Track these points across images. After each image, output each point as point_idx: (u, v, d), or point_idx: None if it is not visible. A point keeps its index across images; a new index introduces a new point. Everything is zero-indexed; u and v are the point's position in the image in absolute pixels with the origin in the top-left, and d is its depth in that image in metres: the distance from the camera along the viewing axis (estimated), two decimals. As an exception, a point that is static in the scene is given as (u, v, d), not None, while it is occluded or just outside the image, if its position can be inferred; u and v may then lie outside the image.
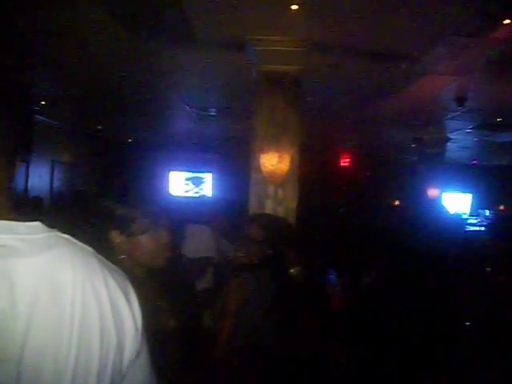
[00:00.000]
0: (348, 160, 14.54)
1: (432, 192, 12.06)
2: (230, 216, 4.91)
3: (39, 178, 10.46)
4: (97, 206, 2.11)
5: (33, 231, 0.97)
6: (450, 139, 11.92)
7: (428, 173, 12.14)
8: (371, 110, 8.90)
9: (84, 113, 10.24)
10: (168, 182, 14.70)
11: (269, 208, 5.39)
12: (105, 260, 1.07)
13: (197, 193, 14.68)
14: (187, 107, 9.12)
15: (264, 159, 5.32)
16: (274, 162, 5.29)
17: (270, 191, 5.42)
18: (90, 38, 5.61)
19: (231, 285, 3.07)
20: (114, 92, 8.17)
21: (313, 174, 7.50)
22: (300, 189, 5.61)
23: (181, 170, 14.76)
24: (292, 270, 3.62)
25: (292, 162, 5.41)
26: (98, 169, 12.97)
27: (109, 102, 8.97)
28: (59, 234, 1.02)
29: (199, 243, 4.48)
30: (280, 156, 5.31)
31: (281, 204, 5.41)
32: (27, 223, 0.98)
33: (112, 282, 1.03)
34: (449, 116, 9.55)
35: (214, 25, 5.20)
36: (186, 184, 14.91)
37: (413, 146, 12.27)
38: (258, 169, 5.40)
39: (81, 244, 1.05)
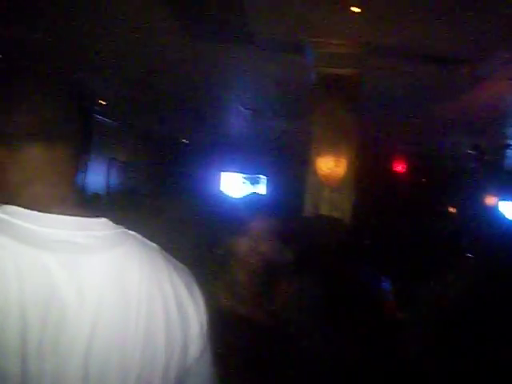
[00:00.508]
0: (403, 165, 14.30)
1: (490, 200, 11.76)
2: (284, 217, 4.90)
3: (96, 175, 10.70)
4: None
5: (102, 228, 0.99)
6: (510, 146, 11.57)
7: (486, 180, 11.84)
8: (429, 115, 8.71)
9: (141, 113, 10.40)
10: (221, 182, 14.79)
11: (324, 212, 5.34)
12: (170, 256, 1.07)
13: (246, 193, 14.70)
14: (242, 108, 9.14)
15: (321, 162, 5.29)
16: (330, 165, 5.25)
17: (326, 195, 5.38)
18: (149, 39, 5.69)
19: (281, 286, 3.04)
20: (171, 92, 8.27)
21: (369, 178, 7.39)
22: (356, 193, 5.55)
23: (234, 171, 14.82)
24: (343, 275, 3.57)
25: (349, 166, 5.35)
26: (152, 168, 13.17)
27: (165, 102, 9.09)
28: (126, 230, 1.03)
29: None
30: (337, 160, 5.26)
31: (336, 208, 5.34)
32: (96, 219, 0.99)
33: (177, 279, 1.03)
34: (510, 122, 9.27)
35: (274, 26, 5.20)
36: (242, 184, 14.98)
37: (471, 152, 11.97)
38: (314, 172, 5.36)
39: (147, 241, 1.06)
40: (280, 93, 7.90)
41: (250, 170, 14.69)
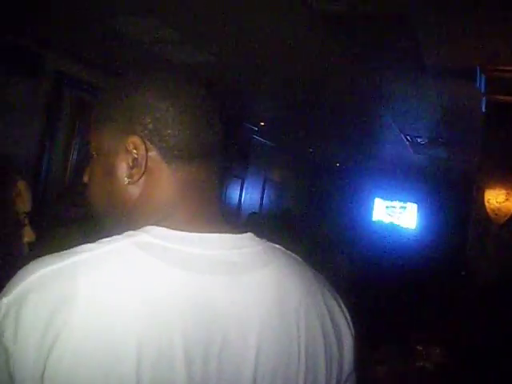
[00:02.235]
0: None
1: None
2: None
3: (251, 194, 11.01)
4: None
5: (251, 243, 0.95)
6: None
7: None
8: None
9: (297, 135, 10.55)
10: (372, 208, 14.56)
11: (490, 249, 5.00)
12: (310, 266, 1.03)
13: (398, 221, 14.36)
14: (401, 134, 8.93)
15: (489, 195, 4.96)
16: (500, 199, 4.91)
17: (493, 231, 5.03)
18: (311, 63, 5.74)
19: None
20: (328, 115, 8.30)
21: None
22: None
23: (386, 198, 14.51)
24: None
25: (521, 200, 4.97)
26: (306, 190, 13.30)
27: (321, 124, 9.13)
28: (271, 244, 0.99)
29: None
30: (508, 193, 4.91)
31: (505, 246, 4.98)
32: (243, 235, 0.96)
33: (326, 292, 0.99)
34: None
35: (445, 51, 5.00)
36: (388, 211, 14.63)
37: None
38: (482, 205, 5.05)
39: (291, 253, 1.02)
40: (446, 121, 7.60)
41: (403, 196, 14.28)
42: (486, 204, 5.00)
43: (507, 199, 4.93)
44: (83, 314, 0.77)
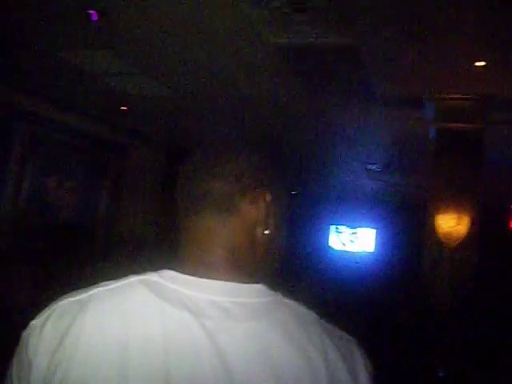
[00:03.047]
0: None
1: None
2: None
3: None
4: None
5: (254, 294, 0.97)
6: None
7: None
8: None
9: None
10: (329, 234, 14.68)
11: (444, 273, 5.12)
12: (330, 326, 1.00)
13: (355, 247, 14.52)
14: (355, 161, 9.11)
15: (441, 220, 5.10)
16: (451, 223, 5.04)
17: (446, 255, 5.15)
18: (265, 90, 5.83)
19: None
20: (284, 143, 8.41)
21: (489, 237, 7.03)
22: (478, 253, 5.28)
23: (343, 224, 14.67)
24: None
25: (471, 224, 5.11)
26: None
27: (277, 152, 9.23)
28: (281, 298, 1.00)
29: None
30: (459, 217, 5.05)
31: (457, 269, 5.10)
32: (251, 285, 0.98)
33: (333, 353, 0.95)
34: None
35: (394, 81, 5.17)
36: (344, 238, 14.78)
37: None
38: (434, 230, 5.17)
39: (304, 309, 1.01)
40: (394, 147, 7.81)
41: (359, 223, 14.47)
42: (438, 229, 5.12)
43: (458, 224, 5.07)
44: (86, 340, 0.90)
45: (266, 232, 1.05)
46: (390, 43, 4.32)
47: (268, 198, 1.05)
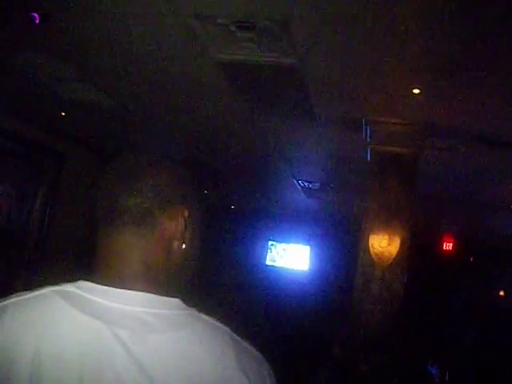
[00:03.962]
0: (451, 244, 14.02)
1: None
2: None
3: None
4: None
5: (169, 307, 0.99)
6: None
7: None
8: (483, 195, 8.60)
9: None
10: (266, 251, 14.74)
11: (375, 291, 5.25)
12: (241, 341, 1.04)
13: (288, 263, 14.62)
14: (293, 179, 9.23)
15: (373, 240, 5.24)
16: (383, 244, 5.19)
17: (377, 274, 5.29)
18: (207, 105, 5.85)
19: None
20: (223, 158, 8.44)
21: (418, 257, 7.26)
22: (407, 273, 5.45)
23: (279, 241, 14.77)
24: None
25: (402, 245, 5.28)
26: (199, 232, 13.23)
27: (216, 167, 9.25)
28: (197, 312, 1.03)
29: None
30: (390, 238, 5.20)
31: (387, 288, 5.25)
32: (168, 299, 1.00)
33: (243, 365, 0.99)
34: None
35: (334, 103, 5.30)
36: (281, 254, 14.87)
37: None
38: (367, 250, 5.31)
39: (217, 323, 1.03)
40: (333, 167, 7.96)
41: (295, 239, 14.61)
42: (371, 248, 5.26)
43: (389, 244, 5.22)
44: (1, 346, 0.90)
45: (183, 246, 1.08)
46: (332, 66, 4.44)
47: (186, 213, 1.08)
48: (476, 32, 3.63)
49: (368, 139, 5.61)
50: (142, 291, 0.98)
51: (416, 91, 4.73)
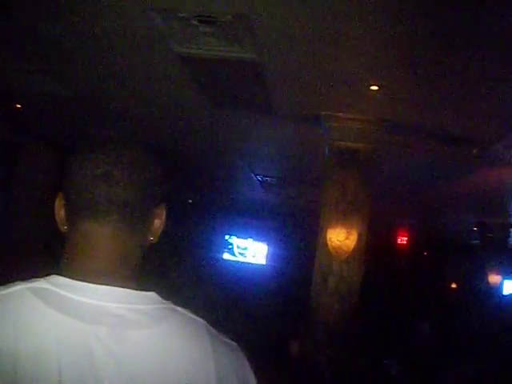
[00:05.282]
0: (405, 238, 14.32)
1: (493, 278, 11.70)
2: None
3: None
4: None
5: (146, 301, 0.98)
6: (515, 224, 11.60)
7: (489, 258, 11.81)
8: (437, 190, 8.82)
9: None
10: (223, 245, 14.76)
11: (332, 284, 5.33)
12: (217, 333, 1.05)
13: (245, 257, 14.69)
14: (252, 174, 9.26)
15: (331, 234, 5.31)
16: (341, 237, 5.27)
17: (335, 267, 5.37)
18: (168, 99, 5.82)
19: None
20: (182, 152, 8.39)
21: (374, 251, 7.41)
22: (364, 266, 5.55)
23: (237, 236, 14.80)
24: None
25: (359, 238, 5.37)
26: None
27: (174, 161, 9.19)
28: (173, 306, 1.02)
29: None
30: (348, 232, 5.29)
31: (345, 281, 5.33)
32: (144, 293, 0.99)
33: (221, 357, 1.00)
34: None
35: (293, 99, 5.34)
36: (239, 249, 14.92)
37: (475, 229, 12.01)
38: (325, 243, 5.38)
39: (194, 317, 1.04)
40: (291, 162, 8.03)
41: (253, 234, 14.67)
42: (328, 242, 5.33)
43: (347, 238, 5.30)
44: None
45: (152, 240, 1.08)
46: (291, 61, 4.47)
47: (165, 209, 1.09)
48: (430, 31, 3.73)
49: (326, 134, 5.68)
50: (118, 286, 0.97)
51: (374, 88, 4.81)
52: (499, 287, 11.83)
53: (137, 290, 0.99)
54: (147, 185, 1.03)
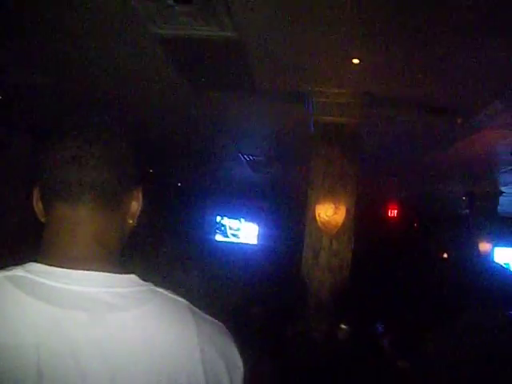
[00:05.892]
0: (395, 211, 14.40)
1: (483, 246, 11.79)
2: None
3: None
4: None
5: (128, 284, 0.97)
6: (503, 193, 11.68)
7: (479, 226, 11.88)
8: (424, 162, 8.85)
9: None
10: (216, 226, 14.78)
11: (323, 259, 5.37)
12: (200, 312, 1.04)
13: (237, 238, 14.73)
14: (239, 154, 9.24)
15: (320, 210, 5.33)
16: (329, 213, 5.29)
17: (325, 242, 5.40)
18: (149, 81, 5.77)
19: None
20: (167, 136, 8.36)
21: (365, 225, 7.44)
22: (354, 240, 5.59)
23: (228, 216, 14.82)
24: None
25: (347, 213, 5.39)
26: (148, 210, 13.15)
27: (161, 145, 9.16)
28: (154, 287, 1.01)
29: None
30: (336, 207, 5.31)
31: (335, 255, 5.37)
32: (123, 276, 0.98)
33: (206, 338, 0.99)
34: (503, 169, 9.39)
35: (276, 76, 5.31)
36: (228, 229, 14.94)
37: (464, 198, 12.09)
38: (314, 219, 5.40)
39: (175, 297, 1.03)
40: (278, 140, 8.01)
41: (243, 214, 14.68)
42: (317, 218, 5.35)
43: (335, 213, 5.33)
44: None
45: (131, 223, 1.08)
46: (272, 38, 4.44)
47: (141, 192, 1.08)
48: (408, 1, 3.71)
49: (310, 110, 5.67)
50: (97, 271, 0.95)
51: (355, 61, 4.80)
52: (490, 255, 11.92)
53: (117, 273, 0.98)
54: (118, 166, 1.02)
